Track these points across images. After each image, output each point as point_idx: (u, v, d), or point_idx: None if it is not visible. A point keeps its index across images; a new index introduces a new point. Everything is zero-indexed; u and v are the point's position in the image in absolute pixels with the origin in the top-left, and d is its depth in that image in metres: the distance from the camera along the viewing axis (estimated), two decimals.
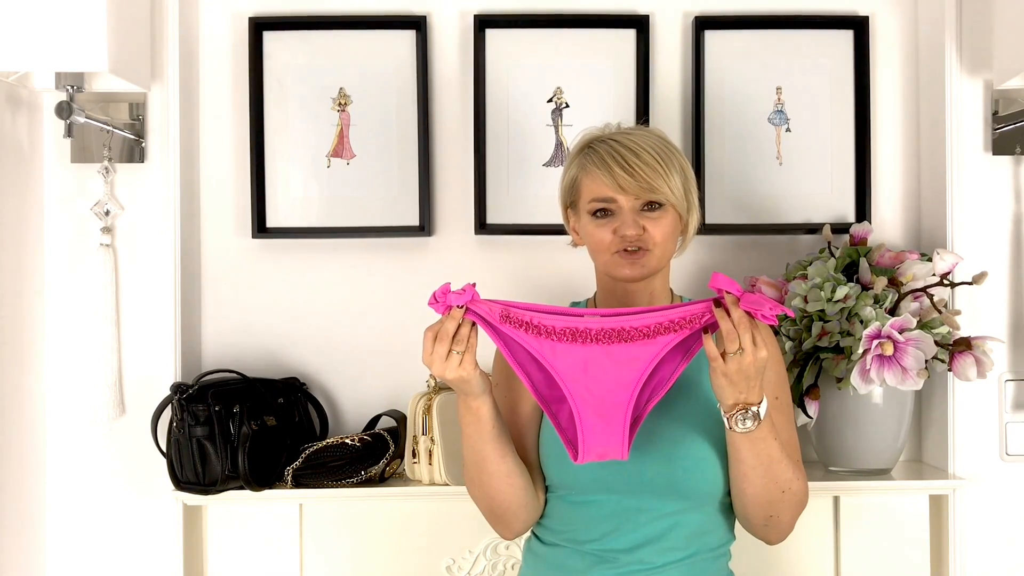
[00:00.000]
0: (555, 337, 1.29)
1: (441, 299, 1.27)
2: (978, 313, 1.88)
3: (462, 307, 1.27)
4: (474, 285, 1.28)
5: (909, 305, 1.73)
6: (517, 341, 1.29)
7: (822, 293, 1.73)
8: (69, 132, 1.78)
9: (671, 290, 1.50)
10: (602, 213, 1.41)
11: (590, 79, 1.94)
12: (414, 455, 1.79)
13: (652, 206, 1.39)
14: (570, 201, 1.48)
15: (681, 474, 1.37)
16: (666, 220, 1.40)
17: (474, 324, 1.28)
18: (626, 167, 1.38)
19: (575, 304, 1.55)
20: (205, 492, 1.74)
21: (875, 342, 1.64)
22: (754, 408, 1.27)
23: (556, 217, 1.82)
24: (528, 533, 1.52)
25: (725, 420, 1.29)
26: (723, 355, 1.25)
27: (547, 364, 1.29)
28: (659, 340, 1.28)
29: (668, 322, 1.28)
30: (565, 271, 1.91)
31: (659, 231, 1.39)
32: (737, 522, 1.46)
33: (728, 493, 1.41)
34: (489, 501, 1.41)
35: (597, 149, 1.42)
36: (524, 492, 1.40)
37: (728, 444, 1.34)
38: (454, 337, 1.26)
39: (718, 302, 1.26)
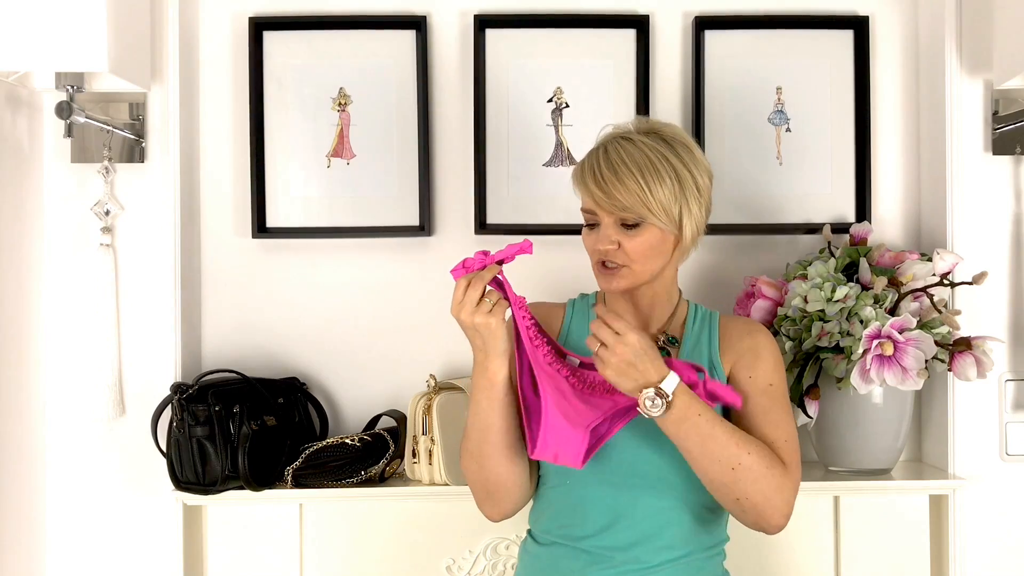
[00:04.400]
0: (550, 346, 1.38)
1: (475, 260, 1.32)
2: (978, 313, 1.88)
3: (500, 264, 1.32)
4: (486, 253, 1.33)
5: (909, 305, 1.73)
6: (519, 330, 1.34)
7: (822, 293, 1.73)
8: (69, 132, 1.78)
9: (679, 290, 1.51)
10: (590, 222, 1.43)
11: (590, 79, 1.94)
12: (414, 455, 1.79)
13: (630, 222, 1.39)
14: None
15: (675, 466, 1.37)
16: (642, 238, 1.38)
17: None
18: (601, 184, 1.38)
19: (583, 296, 1.56)
20: (205, 492, 1.74)
21: (875, 342, 1.64)
22: (657, 387, 1.28)
23: (556, 217, 1.81)
24: (524, 534, 1.52)
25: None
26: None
27: (535, 364, 1.34)
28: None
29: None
30: (565, 271, 1.90)
31: (634, 248, 1.38)
32: (735, 521, 1.46)
33: None
34: (484, 475, 1.41)
35: (590, 157, 1.42)
36: (521, 471, 1.41)
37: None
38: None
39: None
